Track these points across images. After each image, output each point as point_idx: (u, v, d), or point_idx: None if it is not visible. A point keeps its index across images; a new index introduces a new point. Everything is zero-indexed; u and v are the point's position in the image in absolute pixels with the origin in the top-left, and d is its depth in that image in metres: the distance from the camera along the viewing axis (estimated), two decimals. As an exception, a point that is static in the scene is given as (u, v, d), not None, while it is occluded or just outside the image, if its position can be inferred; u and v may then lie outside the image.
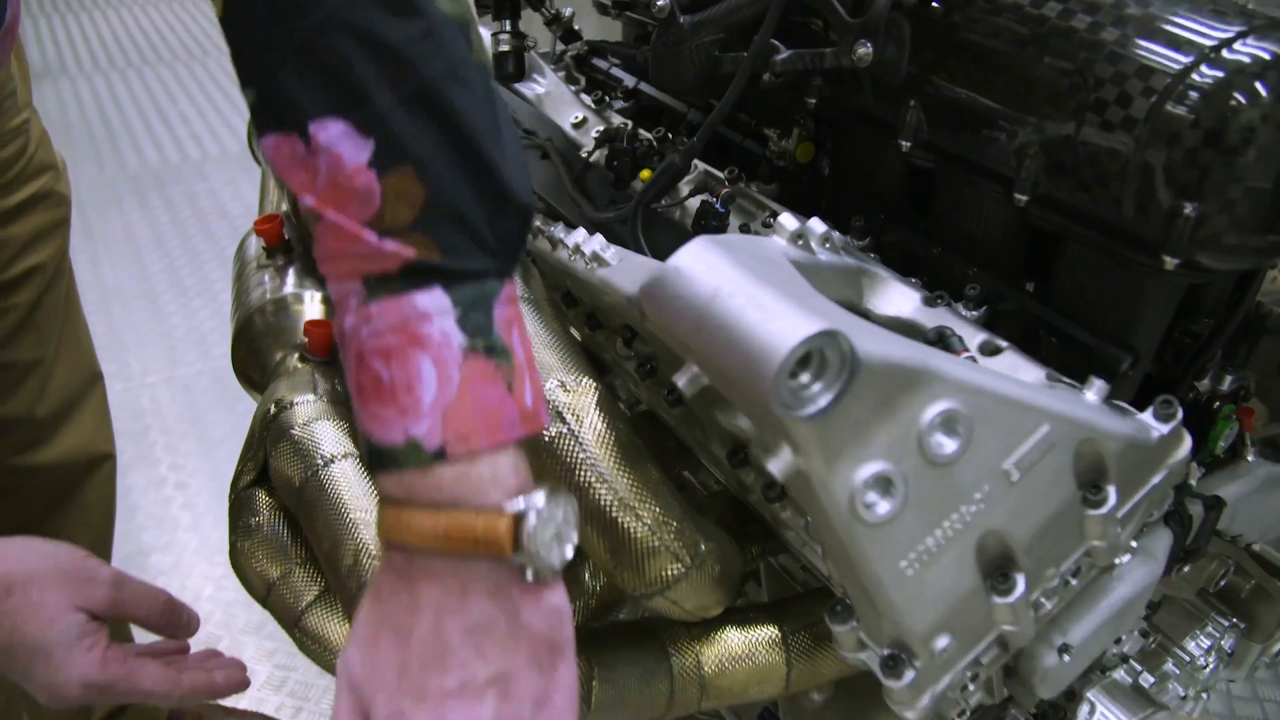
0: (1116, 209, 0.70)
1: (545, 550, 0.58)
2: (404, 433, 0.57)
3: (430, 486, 0.58)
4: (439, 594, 0.59)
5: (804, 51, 0.80)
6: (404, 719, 0.59)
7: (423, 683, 0.59)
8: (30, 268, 1.20)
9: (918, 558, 0.63)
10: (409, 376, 0.57)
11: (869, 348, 0.54)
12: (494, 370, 0.58)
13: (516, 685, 0.60)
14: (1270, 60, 0.65)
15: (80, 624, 0.73)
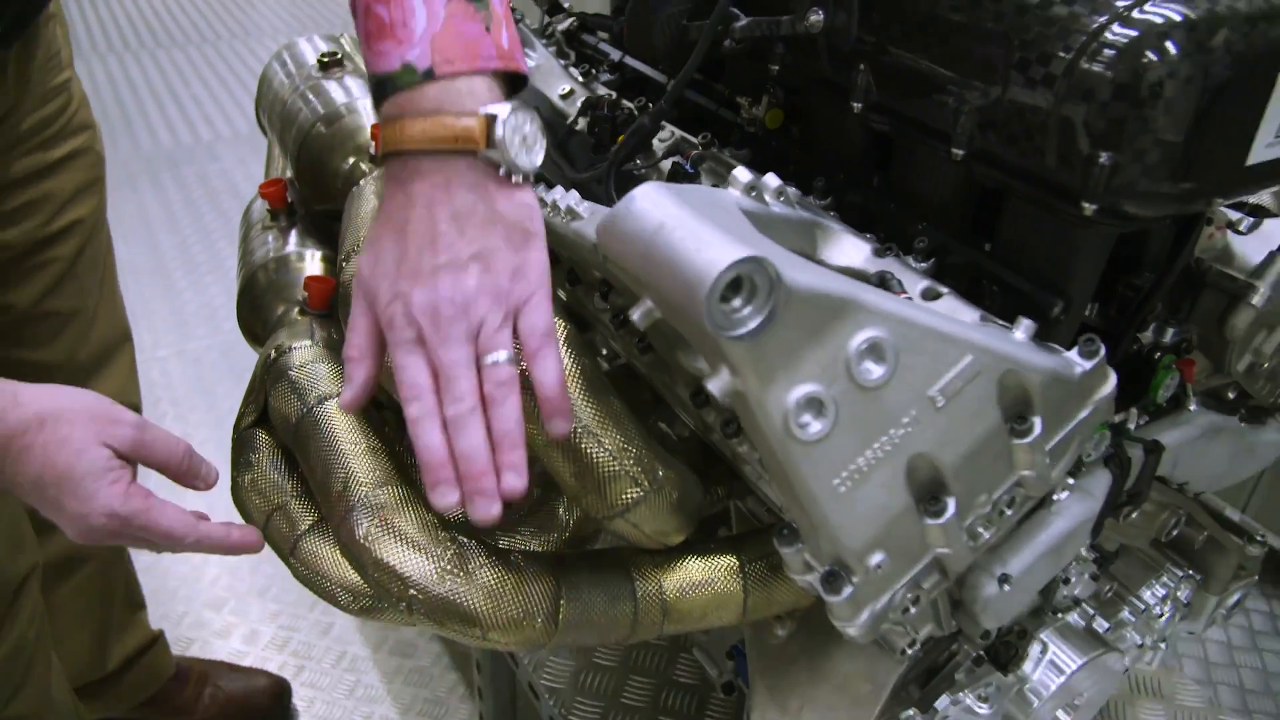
0: (1041, 160, 0.75)
1: (515, 151, 0.73)
2: (400, 59, 0.73)
3: (420, 100, 0.73)
4: (427, 189, 0.73)
5: (761, 19, 0.86)
6: (404, 296, 0.72)
7: (417, 264, 0.72)
8: (72, 221, 1.27)
9: (850, 476, 0.69)
10: (404, 13, 0.72)
11: (796, 276, 0.60)
12: (474, 12, 0.74)
13: (495, 260, 0.73)
14: (1180, 21, 0.70)
15: (106, 458, 0.79)
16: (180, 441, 0.86)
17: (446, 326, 0.71)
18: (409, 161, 0.73)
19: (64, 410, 0.79)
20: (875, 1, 0.83)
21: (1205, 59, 0.70)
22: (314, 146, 1.14)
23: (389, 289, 0.73)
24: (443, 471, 0.71)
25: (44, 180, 1.21)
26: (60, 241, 1.26)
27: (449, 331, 0.72)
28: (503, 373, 0.72)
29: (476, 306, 0.72)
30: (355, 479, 0.83)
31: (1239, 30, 0.72)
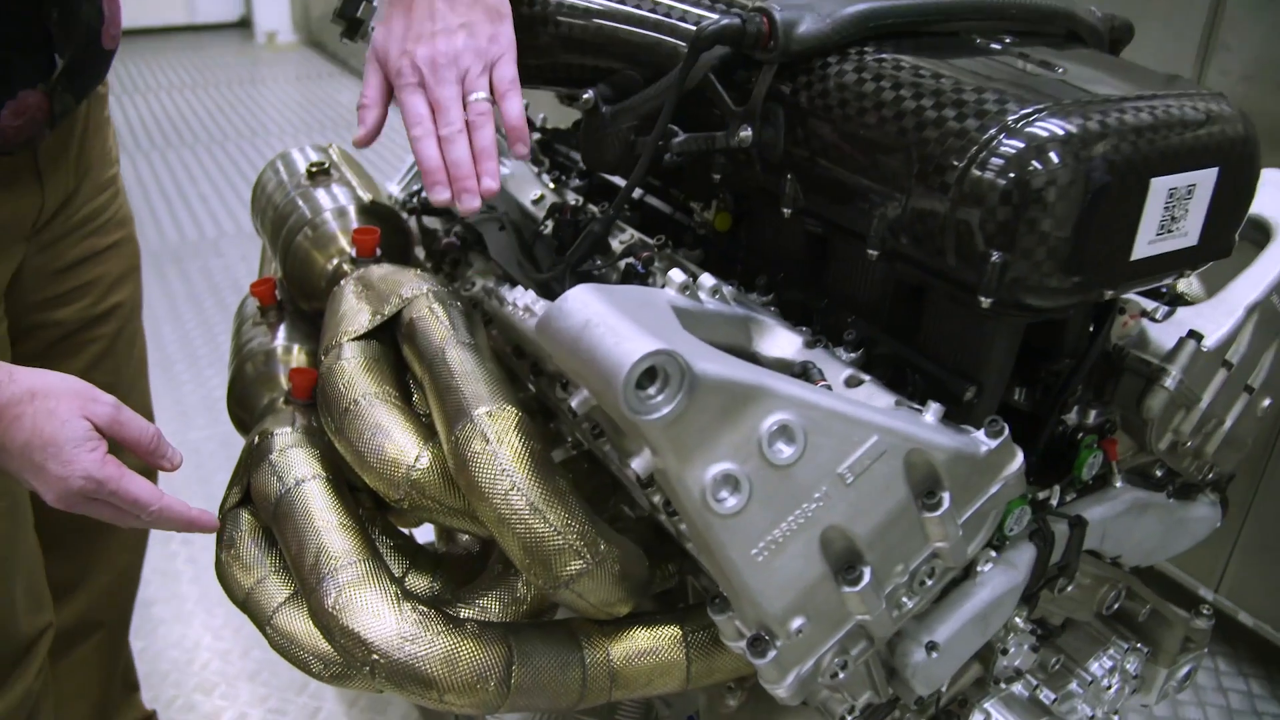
0: (943, 259, 0.84)
1: None
2: None
3: None
4: None
5: (698, 135, 0.96)
6: (409, 53, 0.99)
7: (419, 30, 0.99)
8: (115, 304, 1.39)
9: (766, 546, 0.76)
10: None
11: (705, 366, 0.68)
12: None
13: (477, 28, 1.00)
14: (1063, 135, 0.79)
15: (87, 429, 0.90)
16: (150, 425, 0.96)
17: (442, 71, 0.98)
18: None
19: (52, 387, 0.90)
20: (799, 118, 0.92)
21: (1085, 167, 0.79)
22: (301, 248, 1.23)
23: (398, 48, 0.99)
24: (439, 174, 0.98)
25: (95, 265, 1.34)
26: (105, 321, 1.38)
27: (443, 75, 0.98)
28: (482, 105, 0.99)
29: (463, 58, 0.99)
30: (326, 553, 0.90)
31: (1116, 142, 0.81)
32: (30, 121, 1.07)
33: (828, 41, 0.90)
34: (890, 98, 0.85)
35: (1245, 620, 2.15)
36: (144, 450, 0.96)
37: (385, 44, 1.01)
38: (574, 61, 1.09)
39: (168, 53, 7.71)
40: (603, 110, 1.03)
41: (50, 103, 1.09)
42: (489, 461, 0.84)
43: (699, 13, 1.02)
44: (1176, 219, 0.86)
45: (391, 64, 1.00)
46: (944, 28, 0.96)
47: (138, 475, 0.93)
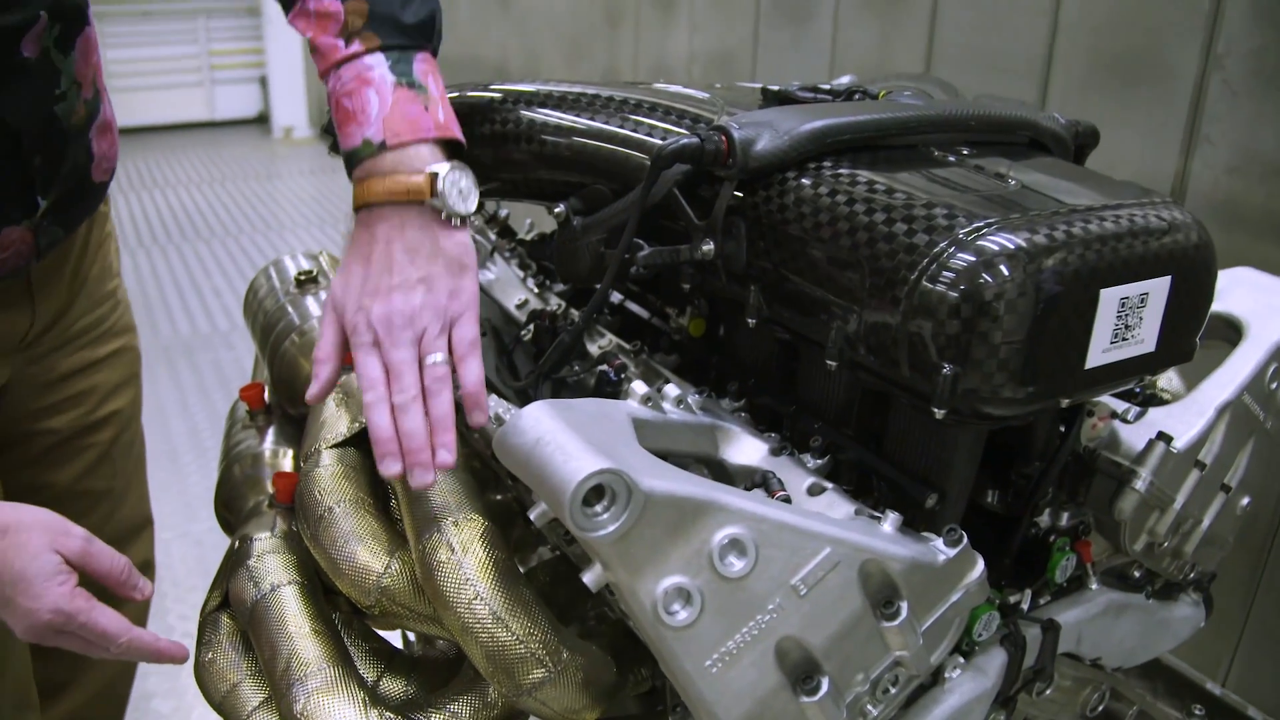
0: (898, 370, 0.85)
1: (453, 200, 0.94)
2: (361, 137, 0.96)
3: (380, 165, 0.95)
4: (386, 228, 0.95)
5: (663, 249, 0.99)
6: (364, 310, 0.93)
7: (376, 284, 0.93)
8: (112, 411, 1.41)
9: (720, 658, 0.76)
10: (363, 102, 0.96)
11: (653, 484, 0.70)
12: (415, 96, 0.96)
13: (436, 284, 0.94)
14: (1012, 248, 0.81)
15: (57, 563, 0.91)
16: (121, 557, 0.97)
17: (397, 333, 0.92)
18: (374, 210, 0.95)
19: (23, 521, 0.92)
20: (759, 232, 0.95)
21: (1034, 279, 0.81)
22: (288, 355, 1.26)
23: (354, 303, 0.94)
24: (390, 445, 0.90)
25: (90, 375, 1.36)
26: (100, 429, 1.40)
27: (399, 337, 0.92)
28: (439, 370, 0.93)
29: (421, 318, 0.93)
30: (297, 658, 0.91)
31: (1064, 254, 0.83)
32: (15, 254, 1.11)
33: (785, 157, 0.93)
34: (845, 212, 0.88)
35: (1255, 716, 2.11)
36: (114, 582, 0.97)
37: (342, 296, 0.95)
38: (548, 176, 1.13)
39: (188, 148, 7.91)
40: (574, 223, 1.06)
41: (35, 236, 1.12)
42: (453, 570, 0.85)
43: (665, 127, 1.06)
44: (1130, 327, 0.88)
45: (347, 319, 0.94)
46: (901, 141, 0.99)
47: (107, 608, 0.94)
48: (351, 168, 0.98)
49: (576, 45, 4.13)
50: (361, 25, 0.96)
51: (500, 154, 1.15)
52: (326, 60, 0.98)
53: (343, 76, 0.97)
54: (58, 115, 1.10)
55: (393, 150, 0.95)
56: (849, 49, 2.75)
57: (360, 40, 0.97)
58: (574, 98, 1.12)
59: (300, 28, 1.00)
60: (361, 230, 0.97)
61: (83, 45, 1.13)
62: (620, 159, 1.06)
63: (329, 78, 0.99)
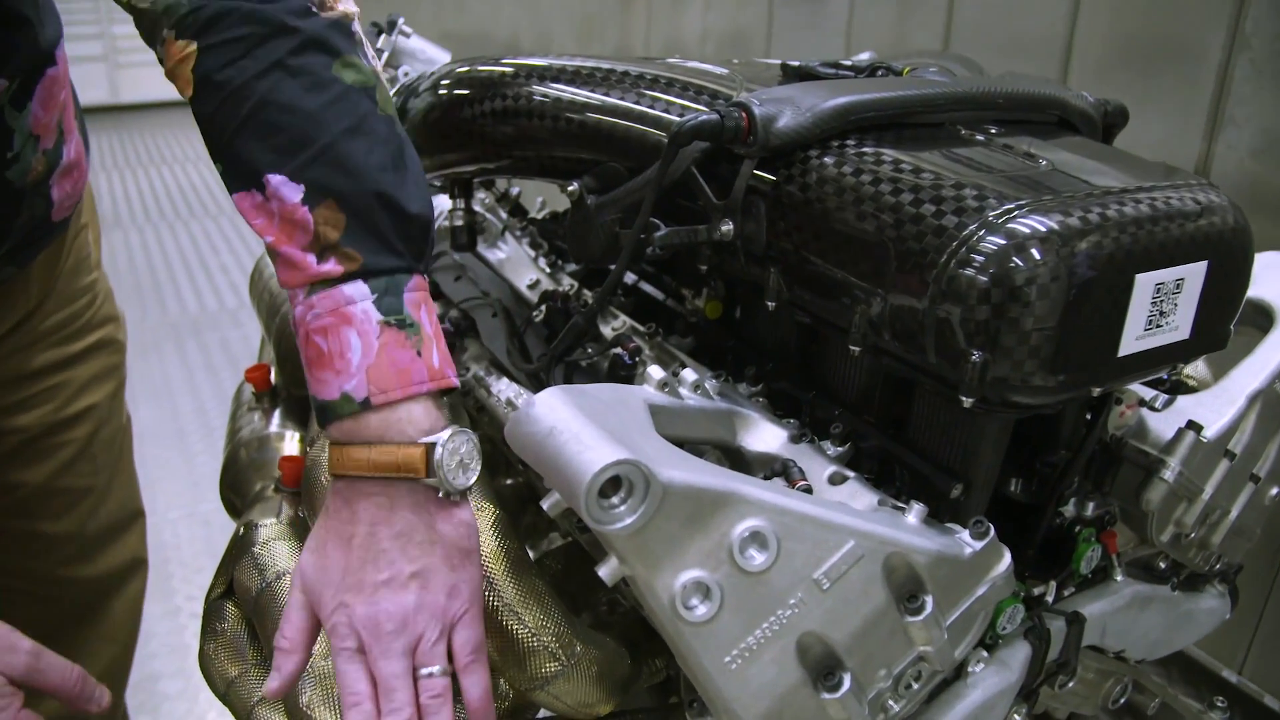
0: (924, 356, 0.82)
1: (452, 474, 0.79)
2: (339, 389, 0.78)
3: (362, 429, 0.79)
4: (372, 509, 0.79)
5: (680, 229, 0.96)
6: (346, 608, 0.77)
7: (360, 578, 0.78)
8: (87, 406, 1.33)
9: (740, 654, 0.74)
10: (341, 345, 0.78)
11: (671, 474, 0.67)
12: (405, 339, 0.80)
13: (433, 579, 0.79)
14: (1044, 231, 0.78)
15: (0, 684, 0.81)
16: (73, 668, 0.88)
17: (387, 640, 0.77)
18: (355, 483, 0.80)
19: None
20: (780, 212, 0.92)
21: (1067, 264, 0.78)
22: (291, 335, 1.24)
23: (333, 598, 0.79)
24: None
25: (62, 371, 1.28)
26: (74, 425, 1.32)
27: (389, 645, 0.77)
28: (438, 685, 0.78)
29: (415, 622, 0.78)
30: (302, 652, 0.89)
31: (1099, 238, 0.79)
32: None
33: (808, 135, 0.90)
34: (870, 192, 0.85)
35: (1272, 704, 2.08)
36: (68, 696, 0.87)
37: (318, 585, 0.80)
38: (562, 153, 1.09)
39: (193, 126, 7.86)
40: (588, 202, 1.03)
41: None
42: (464, 563, 0.83)
43: (682, 104, 1.03)
44: (1165, 313, 0.85)
45: (325, 613, 0.79)
46: (927, 119, 0.96)
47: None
48: (325, 423, 0.81)
49: (588, 23, 4.08)
50: (337, 240, 0.79)
51: (512, 130, 1.12)
52: (294, 275, 0.81)
53: (315, 307, 0.80)
54: (9, 179, 0.98)
55: (379, 410, 0.79)
56: (865, 27, 2.71)
57: (337, 259, 0.79)
58: (588, 72, 1.08)
59: (256, 224, 0.81)
60: (340, 505, 0.81)
61: (43, 92, 1.00)
62: (636, 136, 1.03)
63: (294, 299, 0.82)
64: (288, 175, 0.78)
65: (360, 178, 0.79)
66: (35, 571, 1.32)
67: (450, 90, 1.18)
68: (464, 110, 1.16)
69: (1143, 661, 1.22)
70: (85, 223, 1.29)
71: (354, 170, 0.79)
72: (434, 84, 1.21)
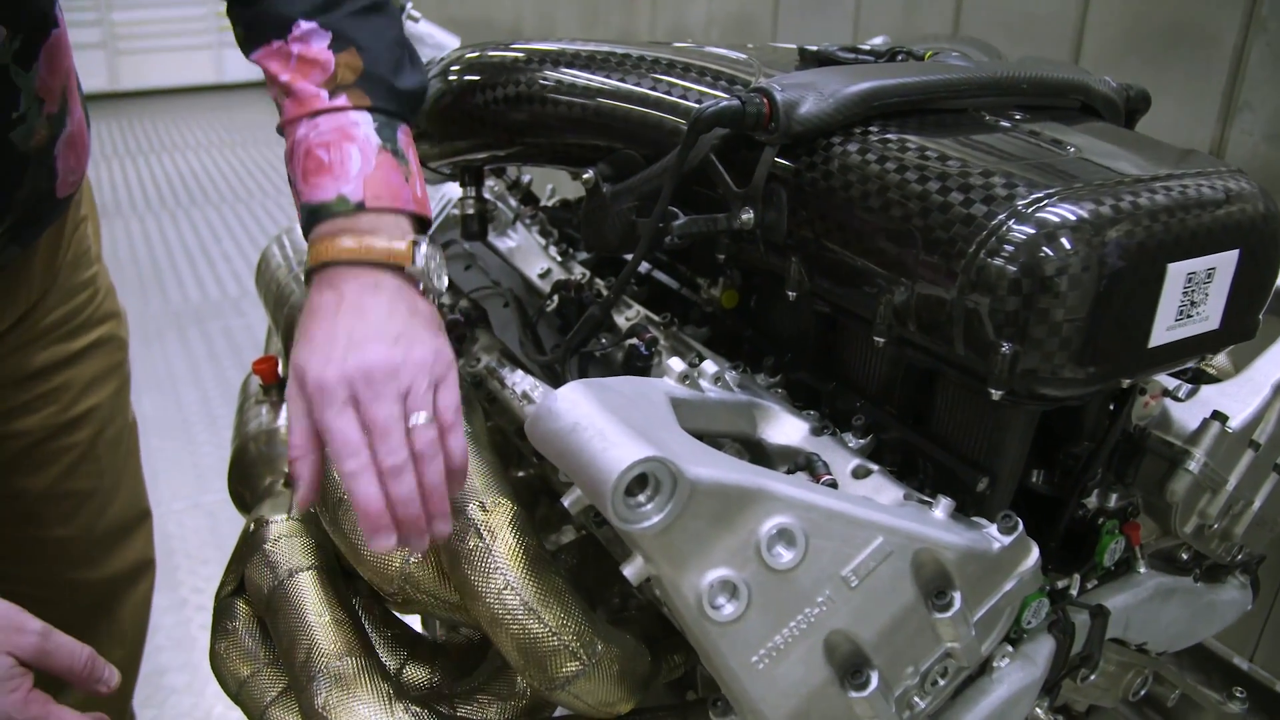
0: (951, 348, 0.81)
1: (431, 273, 0.87)
2: (335, 191, 0.86)
3: (355, 225, 0.86)
4: (358, 286, 0.84)
5: (699, 218, 0.94)
6: (336, 362, 0.80)
7: (349, 338, 0.81)
8: (90, 407, 1.30)
9: (767, 654, 0.72)
10: (342, 156, 0.88)
11: (698, 471, 0.65)
12: (397, 165, 0.89)
13: (417, 338, 0.83)
14: (1075, 220, 0.76)
15: (8, 666, 0.81)
16: (83, 648, 0.88)
17: (380, 385, 0.79)
18: (339, 269, 0.85)
19: None
20: (802, 200, 0.90)
21: (1099, 254, 0.76)
22: (303, 327, 1.22)
23: (320, 363, 0.81)
24: (383, 519, 0.78)
25: (64, 371, 1.25)
26: (77, 428, 1.29)
27: (382, 389, 0.79)
28: (430, 431, 0.80)
29: (406, 371, 0.81)
30: (318, 649, 0.87)
31: (1130, 227, 0.78)
32: None
33: (831, 121, 0.88)
34: (896, 180, 0.83)
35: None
36: (78, 677, 0.87)
37: (305, 362, 0.81)
38: (575, 140, 1.07)
39: (196, 112, 7.85)
40: (603, 190, 1.01)
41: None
42: (482, 559, 0.81)
43: (700, 89, 1.01)
44: (1196, 303, 0.83)
45: (310, 379, 0.80)
46: (950, 104, 0.94)
47: (67, 711, 0.84)
48: (315, 223, 0.87)
49: (592, 7, 4.05)
50: (353, 81, 0.90)
51: (524, 116, 1.10)
52: (301, 107, 0.90)
53: (320, 126, 0.89)
54: (13, 141, 0.99)
55: (371, 213, 0.87)
56: (874, 12, 2.68)
57: (348, 96, 0.90)
58: (602, 57, 1.06)
59: (271, 67, 0.91)
60: (324, 290, 0.85)
61: (48, 54, 1.01)
62: (653, 122, 1.01)
63: (298, 125, 0.90)
64: (319, 23, 0.90)
65: (381, 38, 0.92)
66: (41, 576, 1.31)
67: (461, 76, 1.16)
68: (475, 96, 1.13)
69: (1163, 653, 1.21)
70: (85, 214, 1.27)
71: (376, 32, 0.92)
72: (444, 70, 1.18)
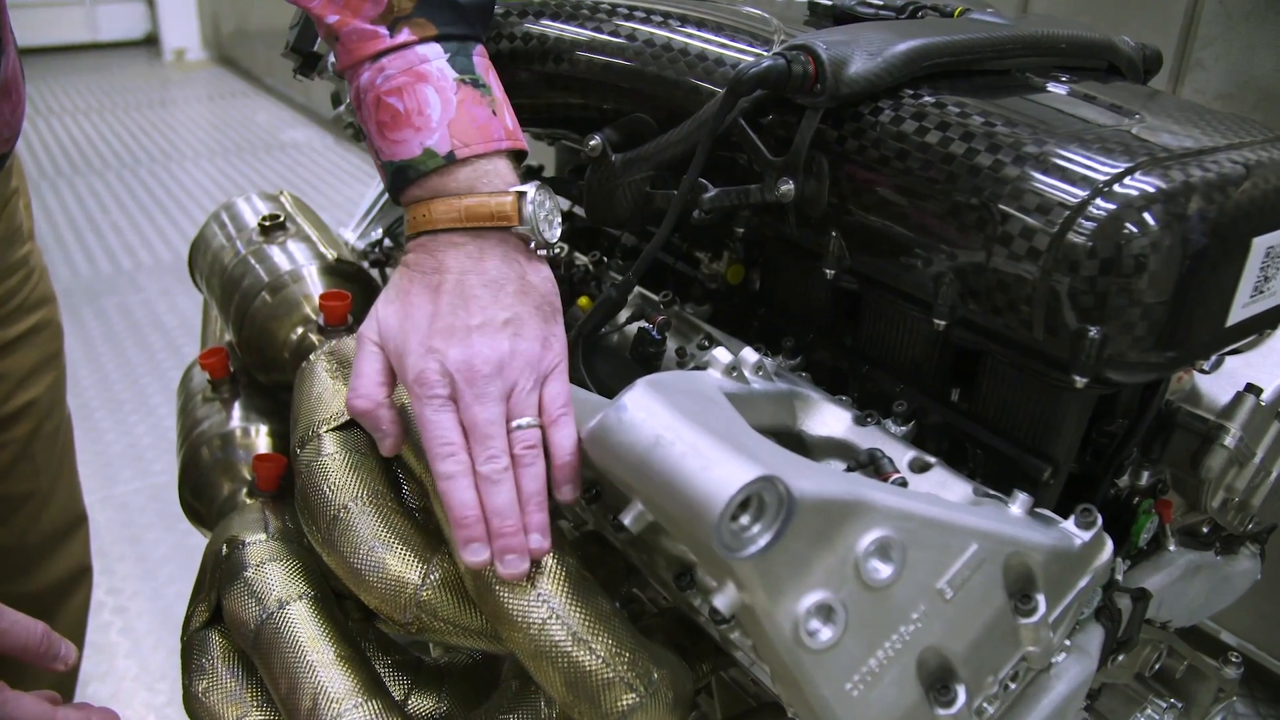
0: (1028, 332, 0.74)
1: (542, 224, 0.78)
2: (420, 145, 0.77)
3: (449, 182, 0.77)
4: (460, 258, 0.76)
5: (731, 189, 0.85)
6: (438, 352, 0.74)
7: (451, 323, 0.74)
8: (27, 402, 1.20)
9: (861, 679, 0.65)
10: (419, 102, 0.77)
11: (803, 487, 0.57)
12: (480, 97, 0.79)
13: (526, 326, 0.76)
14: (1155, 193, 0.71)
15: None
16: (37, 624, 0.82)
17: (483, 384, 0.74)
18: (438, 236, 0.77)
19: None
20: (849, 171, 0.82)
21: (1190, 230, 0.71)
22: (259, 316, 1.09)
23: (420, 343, 0.75)
24: (478, 529, 0.72)
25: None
26: (13, 424, 1.18)
27: (484, 389, 0.74)
28: (531, 436, 0.74)
29: (511, 368, 0.75)
30: (325, 694, 0.77)
31: (1220, 201, 0.72)
32: None
33: (879, 83, 0.80)
34: (961, 150, 0.76)
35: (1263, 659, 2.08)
36: (33, 656, 0.81)
37: (400, 329, 0.76)
38: (579, 101, 0.97)
39: (71, 73, 7.38)
40: (612, 159, 0.92)
41: None
42: (520, 586, 0.72)
43: (721, 47, 0.92)
44: (1270, 278, 0.78)
45: (410, 361, 0.75)
46: (996, 65, 0.87)
47: (24, 696, 0.78)
48: (405, 184, 0.79)
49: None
50: (411, 9, 0.78)
51: (518, 75, 0.99)
52: (361, 50, 0.79)
53: (386, 69, 0.78)
54: None
55: (465, 164, 0.77)
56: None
57: (411, 28, 0.78)
58: (608, 9, 0.96)
59: (314, 6, 0.79)
60: (424, 258, 0.78)
61: None
62: (668, 82, 0.91)
63: (360, 71, 0.79)
64: None
65: None
66: None
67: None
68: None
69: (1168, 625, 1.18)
70: (16, 186, 1.15)
71: None
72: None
